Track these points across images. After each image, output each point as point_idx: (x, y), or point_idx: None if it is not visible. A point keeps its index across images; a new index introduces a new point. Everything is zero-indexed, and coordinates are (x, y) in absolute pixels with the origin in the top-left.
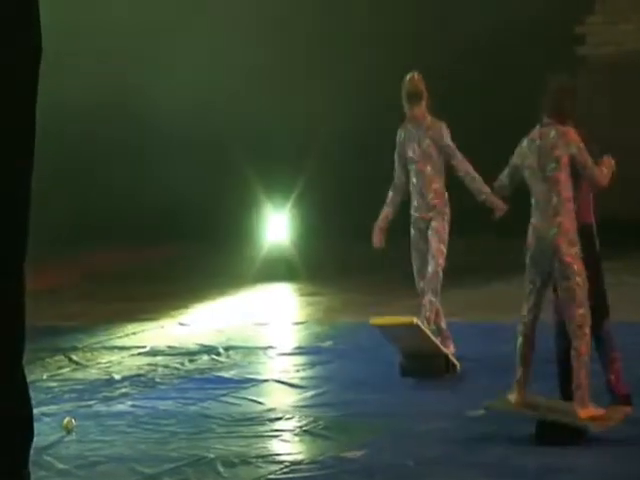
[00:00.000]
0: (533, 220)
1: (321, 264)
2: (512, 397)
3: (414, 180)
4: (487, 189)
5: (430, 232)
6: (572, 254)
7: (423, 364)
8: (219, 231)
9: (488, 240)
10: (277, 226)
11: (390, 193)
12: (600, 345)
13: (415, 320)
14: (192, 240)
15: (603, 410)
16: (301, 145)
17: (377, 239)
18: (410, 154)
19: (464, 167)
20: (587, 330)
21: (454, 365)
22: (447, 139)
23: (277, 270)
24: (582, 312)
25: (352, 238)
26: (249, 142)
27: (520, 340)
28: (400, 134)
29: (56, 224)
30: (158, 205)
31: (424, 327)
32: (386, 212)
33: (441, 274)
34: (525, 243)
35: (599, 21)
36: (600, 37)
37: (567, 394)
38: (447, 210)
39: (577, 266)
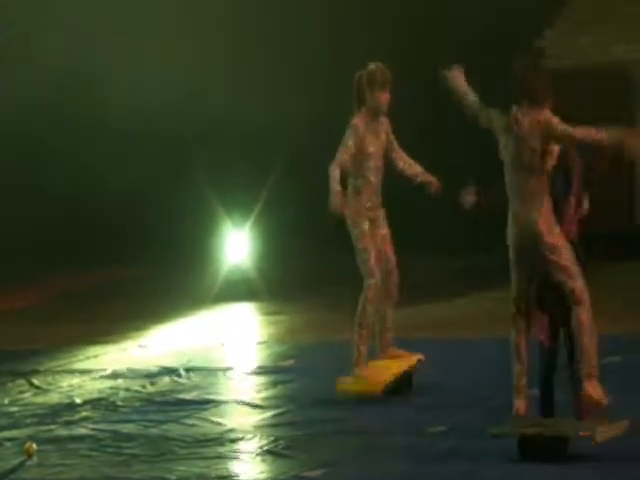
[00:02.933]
0: (512, 208)
1: (282, 283)
2: (517, 403)
3: (372, 178)
4: (420, 169)
5: (383, 239)
6: (554, 234)
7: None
8: (178, 251)
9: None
10: (237, 245)
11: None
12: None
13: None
14: (151, 260)
15: (605, 397)
16: (262, 161)
17: (337, 201)
18: (371, 149)
19: (403, 156)
20: (587, 298)
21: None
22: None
23: (238, 290)
24: (579, 284)
25: (312, 257)
26: (208, 158)
27: (515, 335)
28: (359, 127)
29: (13, 244)
30: (115, 224)
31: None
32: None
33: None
34: (505, 238)
35: (559, 34)
36: (560, 50)
37: (548, 411)
38: None
39: (562, 243)
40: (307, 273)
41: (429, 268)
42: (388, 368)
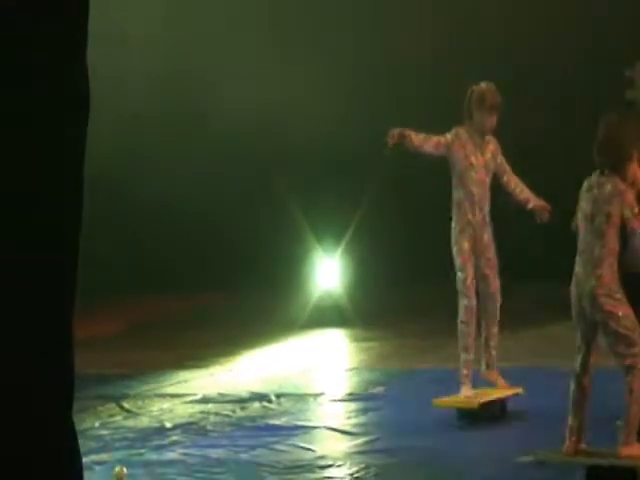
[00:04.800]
0: (576, 268)
1: (373, 310)
2: (564, 446)
3: (472, 188)
4: (532, 194)
5: (484, 261)
6: (612, 302)
7: (477, 412)
8: (269, 277)
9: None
10: (328, 271)
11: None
12: None
13: (477, 402)
14: (241, 286)
15: None
16: (354, 187)
17: (394, 135)
18: (473, 160)
19: (515, 179)
20: None
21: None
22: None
23: (328, 316)
24: (635, 351)
25: (405, 284)
26: (298, 182)
27: (573, 387)
28: (461, 134)
29: (103, 269)
30: (207, 250)
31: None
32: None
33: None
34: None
35: None
36: None
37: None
38: None
39: (621, 311)
40: (399, 300)
41: (524, 293)
42: (487, 394)
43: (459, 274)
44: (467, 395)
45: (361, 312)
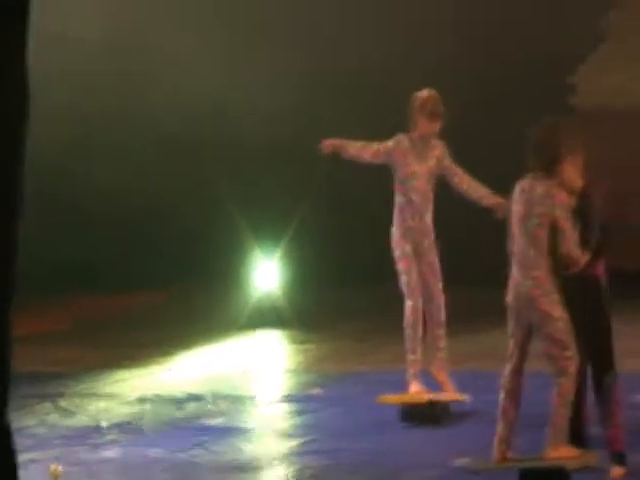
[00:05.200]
0: (512, 271)
1: (311, 312)
2: (493, 454)
3: (412, 196)
4: (487, 191)
5: (425, 266)
6: (548, 302)
7: (422, 411)
8: (208, 277)
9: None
10: (266, 273)
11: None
12: (601, 398)
13: (427, 398)
14: (180, 285)
15: (577, 452)
16: (293, 188)
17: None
18: (415, 168)
19: (466, 179)
20: (573, 370)
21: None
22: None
23: (266, 317)
24: (568, 354)
25: (343, 285)
26: (237, 183)
27: (502, 395)
28: (402, 141)
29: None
30: (145, 248)
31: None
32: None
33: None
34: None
35: (591, 70)
36: (591, 87)
37: (579, 439)
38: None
39: (557, 313)
40: (338, 302)
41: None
42: (435, 395)
43: (403, 277)
44: (417, 391)
45: (299, 314)
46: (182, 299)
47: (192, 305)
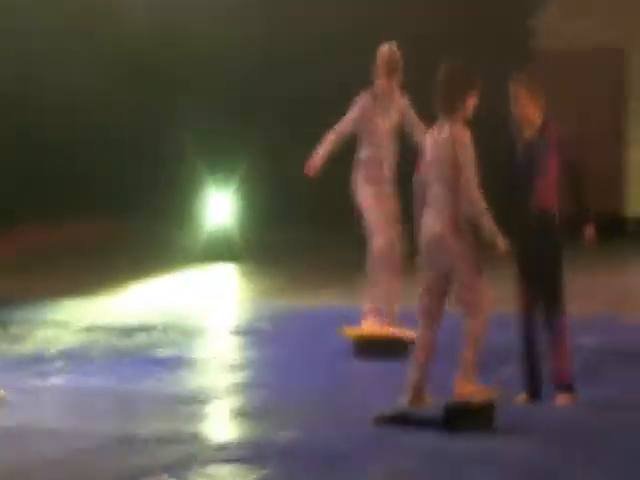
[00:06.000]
0: (425, 217)
1: (264, 246)
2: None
3: (376, 150)
4: None
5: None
6: (460, 244)
7: (377, 347)
8: (162, 208)
9: None
10: (221, 206)
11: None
12: (553, 336)
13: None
14: (132, 215)
15: (482, 387)
16: (246, 122)
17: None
18: (378, 123)
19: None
20: (484, 310)
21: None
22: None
23: (219, 250)
24: (476, 296)
25: (297, 221)
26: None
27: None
28: (365, 98)
29: None
30: (93, 176)
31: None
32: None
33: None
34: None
35: (551, 14)
36: (554, 31)
37: (533, 390)
38: None
39: (469, 254)
40: (291, 238)
41: None
42: (395, 331)
43: (368, 214)
44: (375, 325)
45: (252, 248)
46: (136, 230)
47: (145, 236)
